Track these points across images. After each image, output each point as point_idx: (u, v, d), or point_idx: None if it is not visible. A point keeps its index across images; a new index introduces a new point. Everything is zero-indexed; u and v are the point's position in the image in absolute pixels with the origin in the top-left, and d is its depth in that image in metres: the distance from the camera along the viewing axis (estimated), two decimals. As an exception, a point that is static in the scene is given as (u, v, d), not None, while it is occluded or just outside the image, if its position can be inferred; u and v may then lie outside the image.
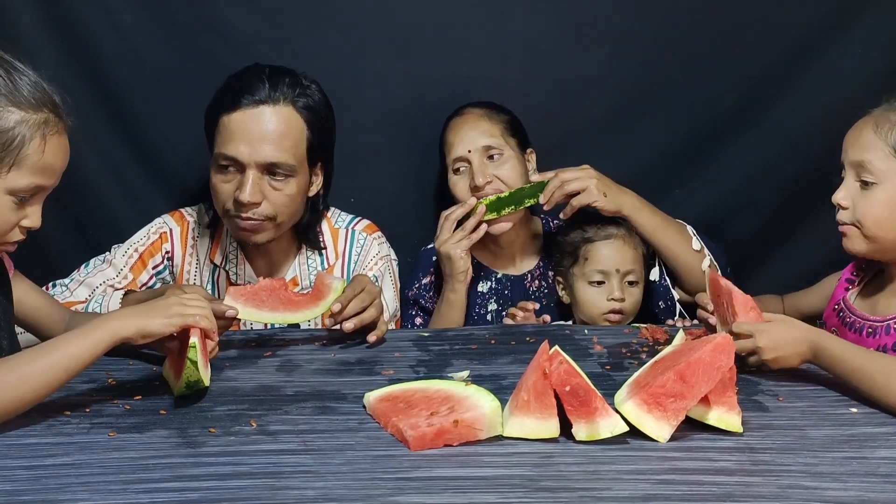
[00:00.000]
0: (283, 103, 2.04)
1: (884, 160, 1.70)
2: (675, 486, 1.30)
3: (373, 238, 2.28)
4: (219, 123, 2.05)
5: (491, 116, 2.31)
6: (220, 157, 2.04)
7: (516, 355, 1.86)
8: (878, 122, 1.73)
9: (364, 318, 1.92)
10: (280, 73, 2.07)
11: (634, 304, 2.27)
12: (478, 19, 2.47)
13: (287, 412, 1.56)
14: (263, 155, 2.01)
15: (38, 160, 1.52)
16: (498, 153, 2.28)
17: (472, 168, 2.27)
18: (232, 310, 1.82)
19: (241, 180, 2.03)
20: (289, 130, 2.04)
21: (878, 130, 1.72)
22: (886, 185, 1.70)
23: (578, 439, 1.43)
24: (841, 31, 2.46)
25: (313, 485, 1.30)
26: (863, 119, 1.77)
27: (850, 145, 1.77)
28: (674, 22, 2.47)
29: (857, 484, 1.31)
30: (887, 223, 1.72)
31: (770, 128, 2.50)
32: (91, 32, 2.36)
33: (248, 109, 2.02)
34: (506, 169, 2.27)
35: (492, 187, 2.25)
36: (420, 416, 1.47)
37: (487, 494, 1.28)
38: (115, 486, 1.29)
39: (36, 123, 1.51)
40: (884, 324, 1.75)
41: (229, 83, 2.10)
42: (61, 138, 1.57)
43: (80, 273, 2.18)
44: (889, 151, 1.70)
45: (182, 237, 2.22)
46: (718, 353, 1.46)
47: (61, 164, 1.58)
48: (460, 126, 2.31)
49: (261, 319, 1.94)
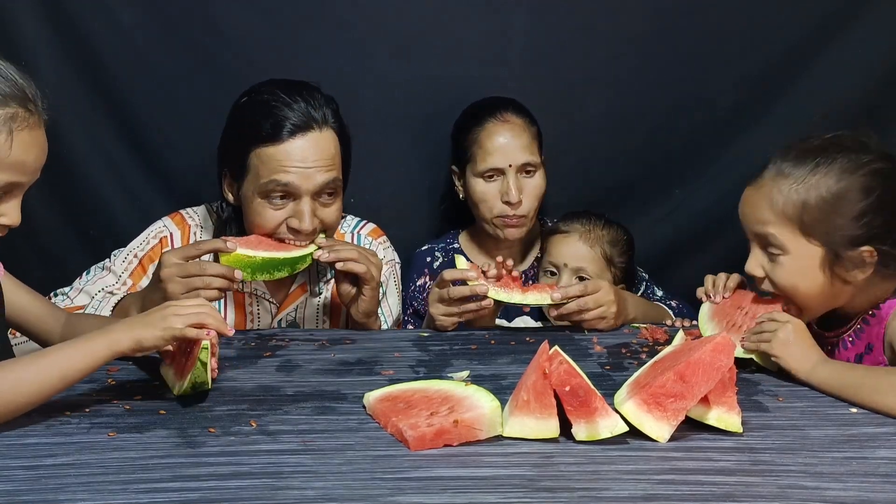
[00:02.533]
0: (324, 124, 2.01)
1: (784, 231, 1.68)
2: (674, 486, 1.30)
3: (378, 243, 2.27)
4: (258, 154, 1.98)
5: (529, 129, 2.31)
6: (272, 189, 1.98)
7: (516, 355, 1.86)
8: (770, 194, 1.69)
9: (342, 255, 1.96)
10: (307, 91, 2.02)
11: None
12: (478, 19, 2.47)
13: (287, 412, 1.56)
14: (318, 182, 1.98)
15: (6, 157, 1.48)
16: (533, 167, 2.30)
17: (506, 181, 2.27)
18: (231, 243, 1.85)
19: (294, 209, 1.99)
20: (335, 151, 2.03)
21: (771, 203, 1.69)
22: (793, 254, 1.69)
23: (578, 439, 1.43)
24: (841, 31, 2.46)
25: (313, 485, 1.30)
26: (752, 190, 1.74)
27: (748, 218, 1.74)
28: (674, 22, 2.47)
29: (857, 484, 1.31)
30: (804, 287, 1.70)
31: (770, 128, 2.50)
32: (91, 32, 2.36)
33: (296, 139, 1.97)
34: (534, 187, 2.30)
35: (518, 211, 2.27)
36: (420, 416, 1.47)
37: (487, 494, 1.28)
38: (114, 487, 1.29)
39: (1, 119, 1.48)
40: (838, 339, 1.76)
41: (256, 109, 2.02)
42: (33, 132, 1.52)
43: (80, 281, 2.16)
44: (787, 222, 1.68)
45: (183, 241, 2.17)
46: (718, 353, 1.46)
47: (34, 160, 1.54)
48: (501, 133, 2.29)
49: (257, 255, 1.93)
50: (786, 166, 1.70)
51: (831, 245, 1.67)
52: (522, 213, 2.28)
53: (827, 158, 1.68)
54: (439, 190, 2.55)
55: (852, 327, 1.74)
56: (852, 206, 1.66)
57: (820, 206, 1.66)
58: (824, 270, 1.68)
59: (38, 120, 1.54)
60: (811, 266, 1.69)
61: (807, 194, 1.67)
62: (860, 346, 1.73)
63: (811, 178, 1.67)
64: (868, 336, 1.72)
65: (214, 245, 1.93)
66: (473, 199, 2.33)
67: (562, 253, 2.26)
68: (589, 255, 2.25)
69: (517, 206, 2.27)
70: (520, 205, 2.27)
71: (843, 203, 1.66)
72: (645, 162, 2.53)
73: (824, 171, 1.67)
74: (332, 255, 1.98)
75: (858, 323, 1.73)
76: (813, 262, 1.68)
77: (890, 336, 1.68)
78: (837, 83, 2.44)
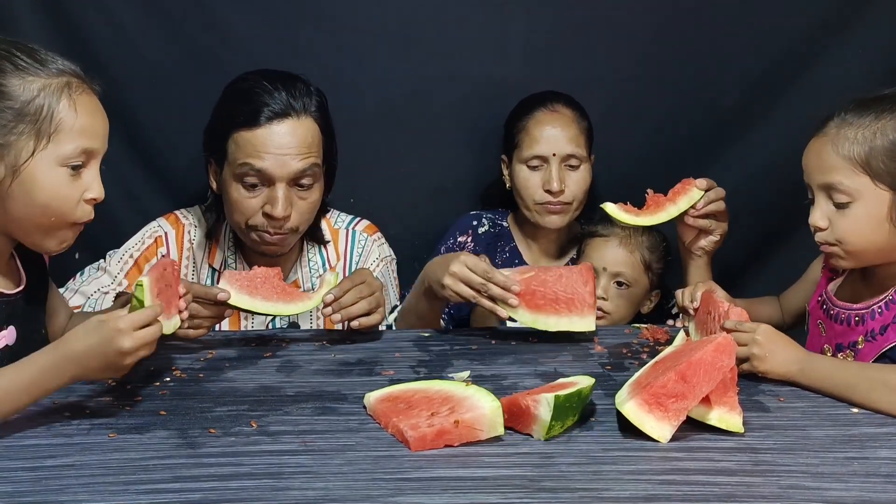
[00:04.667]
0: (304, 113, 2.02)
1: (853, 178, 1.69)
2: (676, 486, 1.30)
3: (373, 239, 2.27)
4: (235, 139, 2.01)
5: (579, 122, 2.33)
6: (247, 174, 2.00)
7: (517, 356, 1.86)
8: (836, 142, 1.70)
9: (352, 312, 1.91)
10: (290, 81, 2.04)
11: (619, 307, 2.27)
12: (478, 19, 2.47)
13: (287, 413, 1.56)
14: (293, 168, 1.99)
15: (74, 122, 1.52)
16: (578, 162, 2.31)
17: (549, 169, 2.28)
18: (224, 293, 1.82)
19: (269, 195, 2.01)
20: (312, 140, 2.03)
21: (838, 150, 1.70)
22: (862, 201, 1.70)
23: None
24: (841, 32, 2.46)
25: (314, 485, 1.30)
26: (817, 140, 1.75)
27: (813, 169, 1.75)
28: (674, 22, 2.47)
29: (858, 484, 1.31)
30: (870, 237, 1.71)
31: (770, 128, 2.50)
32: (91, 32, 2.36)
33: (272, 124, 1.99)
34: (577, 180, 2.31)
35: (561, 198, 2.28)
36: (420, 416, 1.47)
37: (488, 495, 1.28)
38: (115, 487, 1.29)
39: (58, 87, 1.51)
40: (868, 310, 1.76)
41: (238, 95, 2.05)
42: (91, 98, 1.56)
43: (75, 282, 2.16)
44: (855, 168, 1.69)
45: (178, 241, 2.19)
46: (720, 353, 1.46)
47: (101, 125, 1.58)
48: (551, 123, 2.31)
49: (252, 308, 1.89)
50: (849, 116, 1.72)
51: None
52: (566, 199, 2.30)
53: (890, 105, 1.70)
54: (440, 189, 2.55)
55: (883, 300, 1.74)
56: None
57: (887, 150, 1.67)
58: (891, 217, 1.69)
59: (92, 89, 1.58)
60: (878, 213, 1.69)
61: (873, 139, 1.68)
62: (888, 318, 1.72)
63: (876, 123, 1.69)
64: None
65: (205, 292, 1.84)
66: (517, 186, 2.34)
67: (602, 257, 2.28)
68: (628, 261, 2.27)
69: (559, 195, 2.28)
70: (561, 193, 2.28)
71: None
72: (645, 162, 2.53)
73: (889, 116, 1.69)
74: (343, 314, 1.91)
75: (892, 294, 1.73)
76: (881, 208, 1.69)
77: None
78: (838, 83, 2.43)
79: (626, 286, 2.28)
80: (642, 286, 2.30)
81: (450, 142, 2.52)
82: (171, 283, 1.63)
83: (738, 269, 2.56)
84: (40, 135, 1.49)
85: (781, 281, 2.08)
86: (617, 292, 2.27)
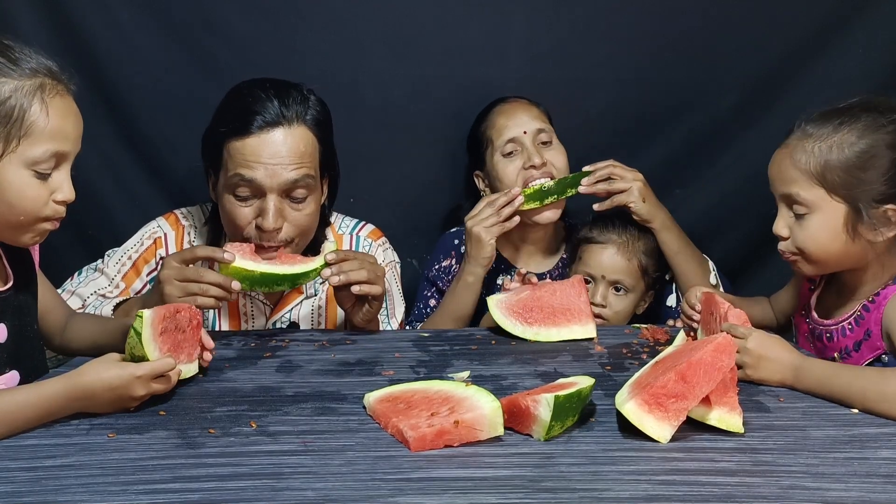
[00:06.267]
0: (297, 122, 1.98)
1: (809, 190, 1.70)
2: (676, 486, 1.30)
3: (378, 244, 2.26)
4: (228, 148, 1.98)
5: (537, 106, 2.36)
6: (238, 185, 1.97)
7: (517, 356, 1.86)
8: (794, 153, 1.72)
9: (353, 277, 1.92)
10: (285, 89, 2.00)
11: (618, 313, 2.28)
12: (478, 19, 2.47)
13: (287, 413, 1.56)
14: (284, 179, 1.96)
15: (46, 125, 1.50)
16: (548, 137, 2.32)
17: (525, 150, 2.29)
18: (229, 254, 1.84)
19: (260, 206, 1.97)
20: (305, 149, 1.99)
21: (796, 162, 1.71)
22: (818, 212, 1.71)
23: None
24: (841, 32, 2.46)
25: (313, 486, 1.30)
26: (779, 151, 1.76)
27: (775, 179, 1.77)
28: (674, 22, 2.48)
29: (858, 485, 1.31)
30: (828, 247, 1.72)
31: (770, 128, 2.49)
32: (91, 32, 2.37)
33: (263, 134, 1.95)
34: (556, 154, 2.32)
35: (544, 170, 2.28)
36: (420, 416, 1.46)
37: (488, 495, 1.28)
38: (114, 488, 1.29)
39: (31, 89, 1.50)
40: (837, 326, 1.77)
41: (232, 104, 2.03)
42: (65, 99, 1.55)
43: (72, 283, 2.15)
44: (811, 180, 1.70)
45: (178, 242, 2.17)
46: (720, 353, 1.46)
47: (73, 127, 1.56)
48: (511, 110, 2.34)
49: (256, 269, 1.89)
50: (810, 127, 1.73)
51: (855, 202, 1.69)
52: (549, 172, 2.28)
53: (850, 118, 1.70)
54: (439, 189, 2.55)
55: (852, 315, 1.75)
56: (875, 162, 1.68)
57: (843, 163, 1.68)
58: (847, 229, 1.70)
59: (67, 89, 1.56)
60: (835, 224, 1.70)
61: (829, 152, 1.69)
62: (859, 334, 1.74)
63: (834, 136, 1.70)
64: (867, 322, 1.73)
65: (210, 253, 1.89)
66: (501, 179, 2.32)
67: (599, 264, 2.28)
68: (627, 268, 2.28)
69: (541, 168, 2.28)
70: (543, 166, 2.28)
71: (867, 160, 1.68)
72: (646, 162, 2.53)
73: (847, 129, 1.69)
74: (343, 277, 1.93)
75: (859, 310, 1.74)
76: (837, 219, 1.70)
77: (886, 323, 1.69)
78: (838, 83, 2.43)
79: (625, 292, 2.28)
80: (639, 291, 2.31)
81: (449, 142, 2.52)
82: (184, 329, 1.63)
83: (738, 270, 2.56)
84: (10, 137, 1.48)
85: (782, 281, 2.08)
86: (615, 299, 2.28)
